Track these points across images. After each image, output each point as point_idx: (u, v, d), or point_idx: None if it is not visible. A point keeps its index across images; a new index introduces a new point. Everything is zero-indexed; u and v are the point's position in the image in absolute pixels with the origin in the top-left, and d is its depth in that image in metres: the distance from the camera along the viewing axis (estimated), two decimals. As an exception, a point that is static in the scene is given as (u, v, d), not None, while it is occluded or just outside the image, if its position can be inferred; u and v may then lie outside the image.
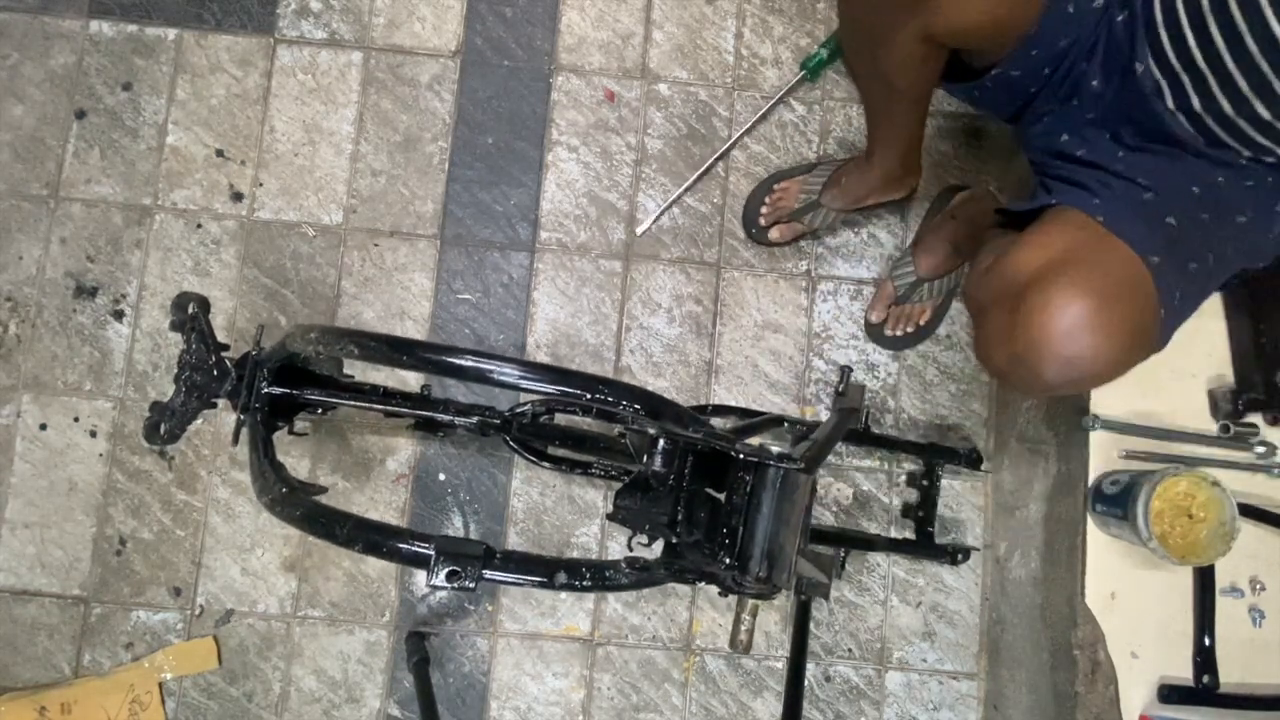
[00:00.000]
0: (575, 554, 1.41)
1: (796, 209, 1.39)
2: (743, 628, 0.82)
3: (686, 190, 1.46)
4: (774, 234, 1.42)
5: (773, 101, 1.46)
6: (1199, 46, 0.79)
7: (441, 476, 1.41)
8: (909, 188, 1.33)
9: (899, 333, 1.42)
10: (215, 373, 0.97)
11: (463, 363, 0.82)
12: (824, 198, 1.36)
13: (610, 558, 1.23)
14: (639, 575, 0.80)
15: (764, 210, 1.42)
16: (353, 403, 1.01)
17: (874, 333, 1.44)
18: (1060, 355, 0.74)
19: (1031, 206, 0.89)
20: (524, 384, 0.82)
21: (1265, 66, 0.73)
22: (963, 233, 1.34)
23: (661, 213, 1.45)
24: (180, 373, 0.98)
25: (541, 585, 0.77)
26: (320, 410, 1.04)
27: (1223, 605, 1.12)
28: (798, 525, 0.76)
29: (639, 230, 1.45)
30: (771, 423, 1.29)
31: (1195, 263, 0.84)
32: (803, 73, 1.46)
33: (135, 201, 1.44)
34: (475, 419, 1.01)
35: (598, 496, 1.42)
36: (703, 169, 1.45)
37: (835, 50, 1.46)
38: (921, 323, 1.42)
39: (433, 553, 0.74)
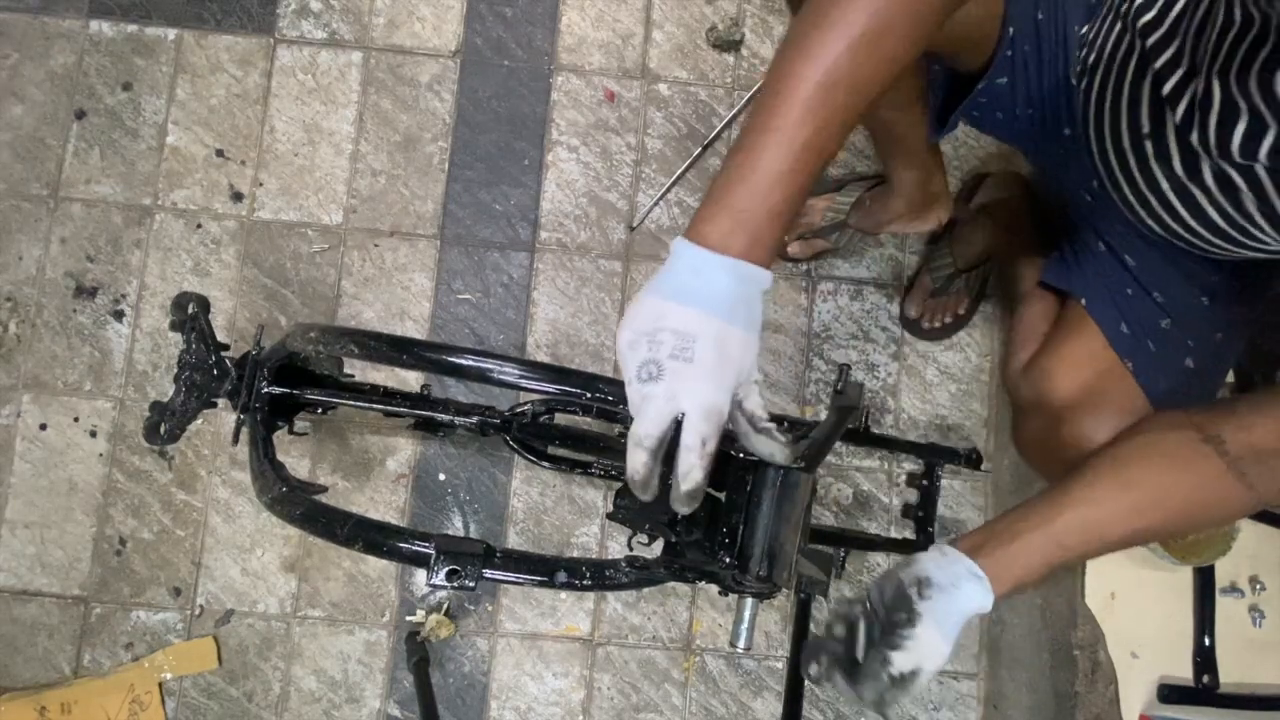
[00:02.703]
0: (575, 554, 1.41)
1: (822, 226, 1.38)
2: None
3: (677, 181, 1.46)
4: (793, 249, 1.42)
5: (757, 85, 1.46)
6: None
7: (441, 476, 1.41)
8: (937, 220, 1.27)
9: (937, 324, 1.42)
10: (215, 372, 0.97)
11: (463, 361, 0.82)
12: (851, 218, 1.35)
13: (610, 557, 1.23)
14: (639, 574, 0.80)
15: None
16: (353, 402, 1.01)
17: (911, 326, 1.44)
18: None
19: (1062, 288, 0.98)
20: (524, 383, 0.81)
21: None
22: (998, 231, 1.34)
23: (654, 204, 1.45)
24: (180, 373, 0.98)
25: (542, 584, 0.77)
26: (320, 410, 1.04)
27: (1223, 605, 1.13)
28: (798, 524, 0.76)
29: (634, 223, 1.45)
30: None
31: (1206, 396, 0.93)
32: None
33: (135, 201, 1.44)
34: (475, 419, 1.01)
35: (598, 496, 1.42)
36: (692, 159, 1.46)
37: None
38: (960, 313, 1.42)
39: (433, 551, 0.74)
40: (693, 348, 0.57)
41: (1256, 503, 0.72)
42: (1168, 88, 0.71)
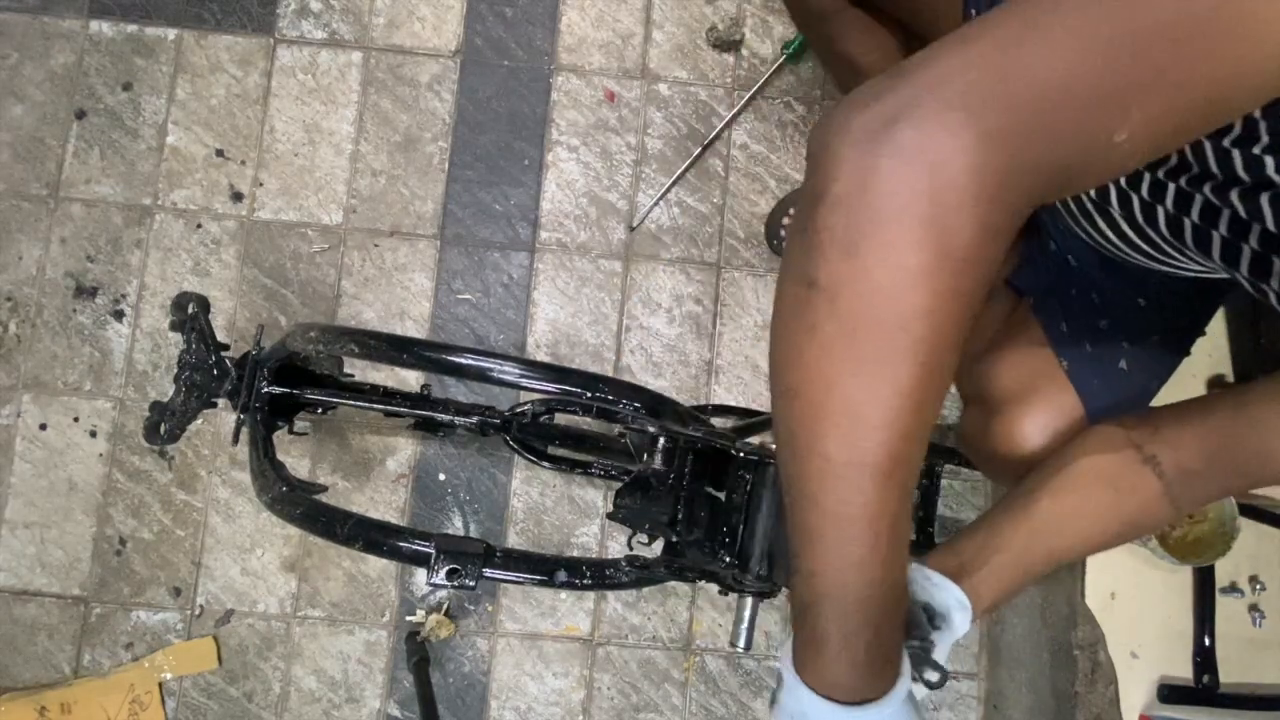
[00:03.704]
0: (575, 553, 1.41)
1: None
2: None
3: (677, 180, 1.46)
4: None
5: (757, 85, 1.47)
6: None
7: (441, 476, 1.41)
8: None
9: None
10: (215, 372, 0.97)
11: (463, 361, 0.82)
12: None
13: (610, 557, 1.23)
14: (639, 574, 0.80)
15: (786, 224, 1.42)
16: (353, 402, 1.01)
17: None
18: (1018, 467, 0.88)
19: (1016, 286, 1.01)
20: (524, 382, 0.82)
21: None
22: None
23: (655, 204, 1.46)
24: (180, 373, 0.98)
25: (542, 583, 0.77)
26: (320, 410, 1.04)
27: (1223, 605, 1.12)
28: (798, 524, 0.76)
29: (634, 223, 1.46)
30: (771, 422, 1.29)
31: (1138, 398, 0.95)
32: (784, 56, 1.46)
33: (135, 201, 1.44)
34: (475, 419, 1.01)
35: (598, 496, 1.42)
36: (692, 159, 1.46)
37: None
38: None
39: (433, 551, 0.74)
40: None
41: (1177, 517, 0.74)
42: None
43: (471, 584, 0.74)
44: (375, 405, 1.02)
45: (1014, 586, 0.72)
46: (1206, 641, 1.12)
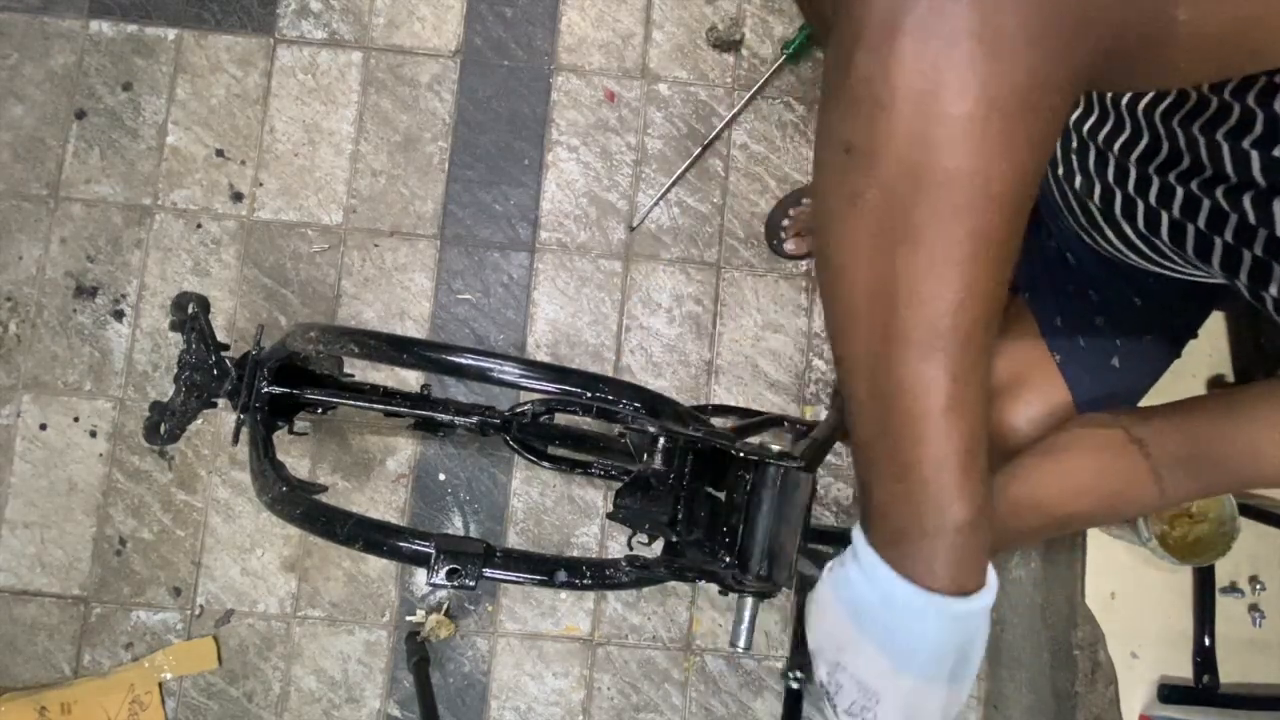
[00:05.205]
0: (575, 553, 1.41)
1: None
2: None
3: (678, 180, 1.46)
4: (790, 246, 1.42)
5: (757, 85, 1.47)
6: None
7: (441, 476, 1.41)
8: None
9: None
10: (215, 372, 0.97)
11: (462, 361, 0.82)
12: None
13: (610, 556, 1.22)
14: (639, 574, 0.80)
15: (786, 224, 1.42)
16: (353, 402, 1.01)
17: None
18: (1004, 457, 0.87)
19: (1017, 284, 1.00)
20: (524, 382, 0.81)
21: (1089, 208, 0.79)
22: None
23: (655, 204, 1.46)
24: (180, 373, 0.98)
25: (542, 583, 0.77)
26: (320, 410, 1.04)
27: (1223, 605, 1.13)
28: (798, 523, 0.76)
29: (633, 223, 1.46)
30: (771, 422, 1.29)
31: (1128, 396, 0.95)
32: (784, 56, 1.46)
33: (135, 201, 1.44)
34: (475, 419, 1.01)
35: (598, 496, 1.42)
36: (692, 159, 1.46)
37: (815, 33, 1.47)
38: None
39: (433, 551, 0.74)
40: (875, 710, 0.49)
41: (1163, 504, 0.75)
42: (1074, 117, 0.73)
43: (471, 584, 0.73)
44: (375, 405, 1.02)
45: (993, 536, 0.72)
46: (1206, 641, 1.12)
